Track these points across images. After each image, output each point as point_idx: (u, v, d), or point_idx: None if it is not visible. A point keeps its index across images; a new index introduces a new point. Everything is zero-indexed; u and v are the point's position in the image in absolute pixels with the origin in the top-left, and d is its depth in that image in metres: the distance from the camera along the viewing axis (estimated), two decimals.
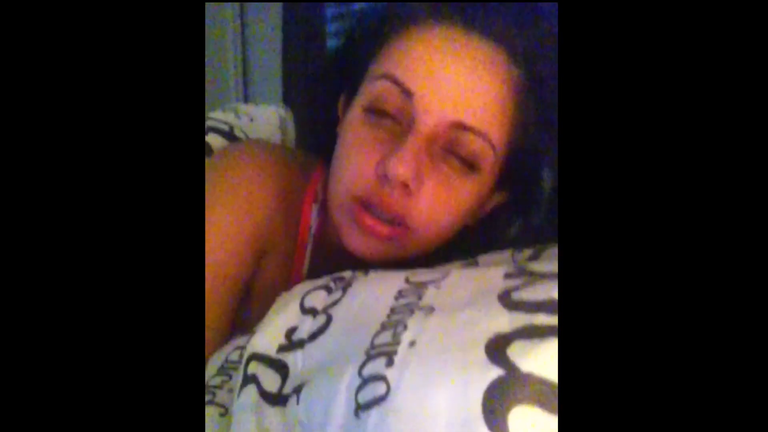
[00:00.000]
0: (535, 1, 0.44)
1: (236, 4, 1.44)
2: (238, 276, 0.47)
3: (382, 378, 0.28)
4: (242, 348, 0.41)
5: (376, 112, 0.43)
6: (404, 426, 0.26)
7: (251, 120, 0.73)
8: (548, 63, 0.43)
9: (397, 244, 0.44)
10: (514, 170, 0.46)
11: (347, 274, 0.42)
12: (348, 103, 0.48)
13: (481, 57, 0.41)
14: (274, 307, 0.42)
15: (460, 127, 0.41)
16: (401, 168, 0.40)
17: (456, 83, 0.40)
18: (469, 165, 0.42)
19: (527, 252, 0.43)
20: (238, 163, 0.49)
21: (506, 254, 0.45)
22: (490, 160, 0.43)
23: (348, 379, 0.30)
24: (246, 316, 0.50)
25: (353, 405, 0.28)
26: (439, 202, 0.43)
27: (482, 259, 0.45)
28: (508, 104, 0.42)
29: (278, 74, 1.38)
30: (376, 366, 0.29)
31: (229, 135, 0.67)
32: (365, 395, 0.28)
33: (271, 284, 0.51)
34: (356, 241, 0.45)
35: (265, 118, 0.73)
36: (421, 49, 0.41)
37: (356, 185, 0.43)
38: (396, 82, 0.41)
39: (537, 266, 0.34)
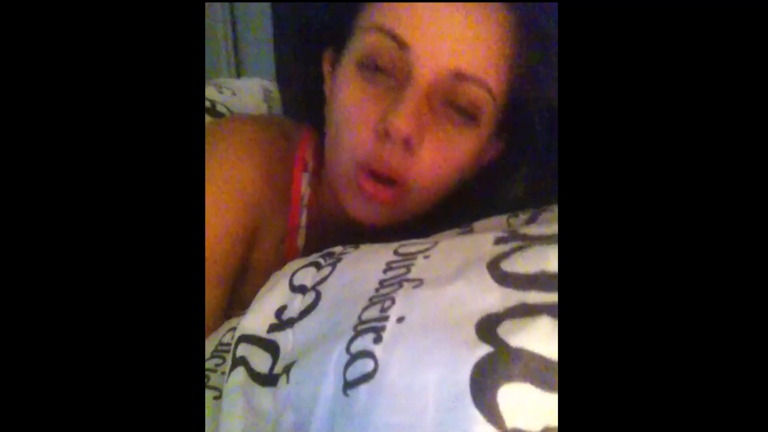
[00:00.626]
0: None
1: None
2: (230, 255, 0.46)
3: (370, 354, 0.27)
4: (234, 329, 0.40)
5: (369, 67, 0.41)
6: (393, 404, 0.25)
7: (234, 94, 0.71)
8: (546, 7, 0.41)
9: (398, 205, 0.44)
10: (512, 118, 0.44)
11: (337, 249, 0.41)
12: (336, 59, 0.46)
13: (475, 11, 0.40)
14: (265, 287, 0.41)
15: (459, 76, 0.40)
16: (402, 123, 0.38)
17: (452, 32, 0.39)
18: (469, 116, 0.41)
19: (524, 216, 0.42)
20: (222, 140, 0.47)
21: (503, 219, 0.43)
22: (489, 110, 0.42)
23: (336, 356, 0.29)
24: (243, 295, 0.50)
25: (341, 382, 0.28)
26: (440, 158, 0.42)
27: (478, 225, 0.44)
28: (506, 51, 0.41)
29: (270, 49, 1.35)
30: (364, 342, 0.28)
31: (212, 111, 0.66)
32: (353, 372, 0.27)
33: (266, 260, 0.50)
34: (358, 208, 0.44)
35: (249, 92, 0.71)
36: (414, 3, 0.39)
37: (357, 150, 0.42)
38: (389, 33, 0.39)
39: (529, 229, 0.32)
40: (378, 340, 0.27)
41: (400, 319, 0.28)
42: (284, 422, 0.30)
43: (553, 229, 0.32)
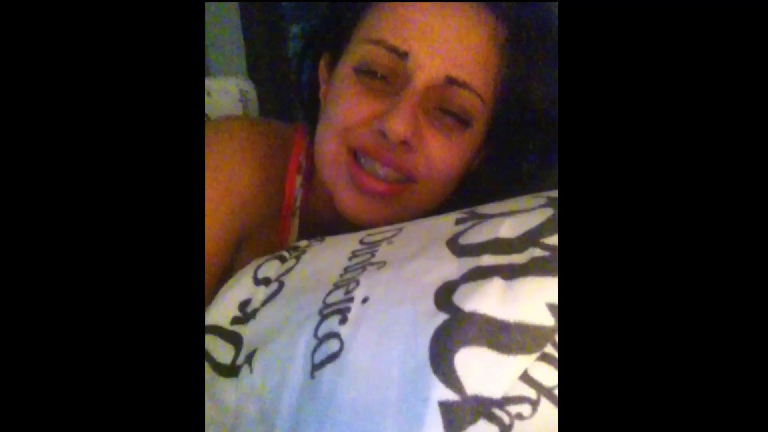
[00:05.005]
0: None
1: None
2: (217, 257, 0.45)
3: (335, 335, 0.28)
4: None
5: (367, 73, 0.43)
6: (357, 382, 0.25)
7: (208, 94, 0.70)
8: (533, 19, 0.43)
9: (398, 202, 0.44)
10: (501, 125, 0.46)
11: (303, 243, 0.41)
12: (332, 65, 0.47)
13: (467, 17, 0.42)
14: (228, 282, 0.40)
15: (452, 81, 0.41)
16: (399, 126, 0.40)
17: (446, 42, 0.41)
18: (463, 121, 0.43)
19: None
20: (218, 141, 0.47)
21: None
22: (480, 114, 0.43)
23: (304, 342, 0.29)
24: None
25: (309, 366, 0.28)
26: (443, 153, 0.43)
27: None
28: (495, 60, 0.43)
29: (240, 44, 1.33)
30: (330, 324, 0.28)
31: None
32: (320, 354, 0.27)
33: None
34: (352, 203, 0.43)
35: (224, 92, 0.70)
36: (410, 11, 0.42)
37: (351, 135, 0.42)
38: (389, 47, 0.42)
39: (488, 209, 0.33)
40: (343, 321, 0.28)
41: (365, 300, 0.28)
42: (246, 414, 0.30)
43: (509, 206, 0.32)
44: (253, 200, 0.47)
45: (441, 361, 0.23)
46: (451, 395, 0.23)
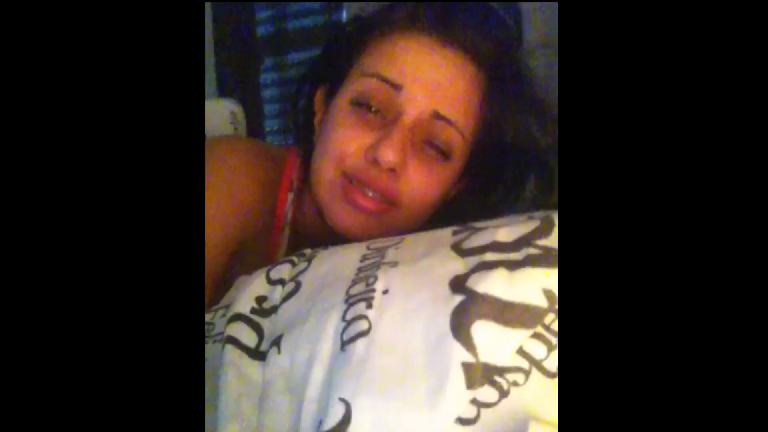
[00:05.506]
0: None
1: None
2: (217, 268, 0.50)
3: (363, 317, 0.33)
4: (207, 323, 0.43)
5: (362, 105, 0.49)
6: (387, 350, 0.31)
7: None
8: (509, 67, 0.52)
9: (384, 220, 0.50)
10: (477, 160, 0.53)
11: (307, 251, 0.46)
12: (329, 96, 0.54)
13: (453, 64, 0.49)
14: (237, 285, 0.44)
15: (438, 117, 0.48)
16: (390, 155, 0.46)
17: (435, 82, 0.49)
18: (444, 154, 0.50)
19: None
20: (219, 159, 0.52)
21: None
22: (460, 149, 0.50)
23: (332, 324, 0.34)
24: None
25: (339, 343, 0.32)
26: (423, 182, 0.50)
27: None
28: (475, 101, 0.51)
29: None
30: (357, 309, 0.34)
31: None
32: (349, 333, 0.33)
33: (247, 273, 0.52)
34: (345, 218, 0.49)
35: (216, 113, 0.75)
36: (405, 53, 0.49)
37: (346, 162, 0.49)
38: (384, 79, 0.48)
39: (480, 224, 0.40)
40: (369, 306, 0.33)
41: (386, 291, 0.34)
42: (275, 387, 0.34)
43: (499, 221, 0.39)
44: (252, 213, 0.52)
45: (461, 331, 0.29)
46: (470, 357, 0.29)
